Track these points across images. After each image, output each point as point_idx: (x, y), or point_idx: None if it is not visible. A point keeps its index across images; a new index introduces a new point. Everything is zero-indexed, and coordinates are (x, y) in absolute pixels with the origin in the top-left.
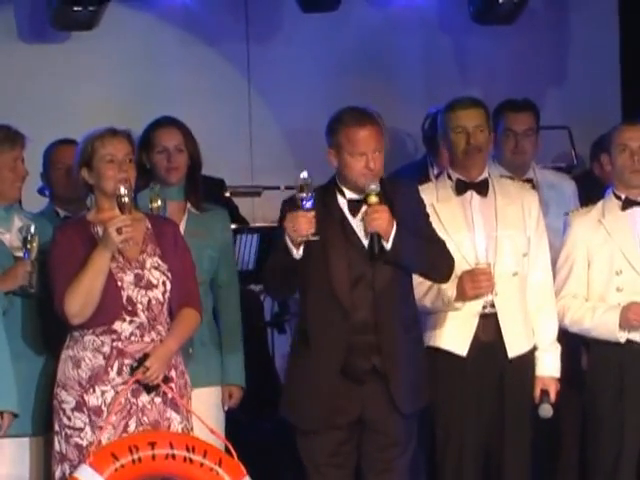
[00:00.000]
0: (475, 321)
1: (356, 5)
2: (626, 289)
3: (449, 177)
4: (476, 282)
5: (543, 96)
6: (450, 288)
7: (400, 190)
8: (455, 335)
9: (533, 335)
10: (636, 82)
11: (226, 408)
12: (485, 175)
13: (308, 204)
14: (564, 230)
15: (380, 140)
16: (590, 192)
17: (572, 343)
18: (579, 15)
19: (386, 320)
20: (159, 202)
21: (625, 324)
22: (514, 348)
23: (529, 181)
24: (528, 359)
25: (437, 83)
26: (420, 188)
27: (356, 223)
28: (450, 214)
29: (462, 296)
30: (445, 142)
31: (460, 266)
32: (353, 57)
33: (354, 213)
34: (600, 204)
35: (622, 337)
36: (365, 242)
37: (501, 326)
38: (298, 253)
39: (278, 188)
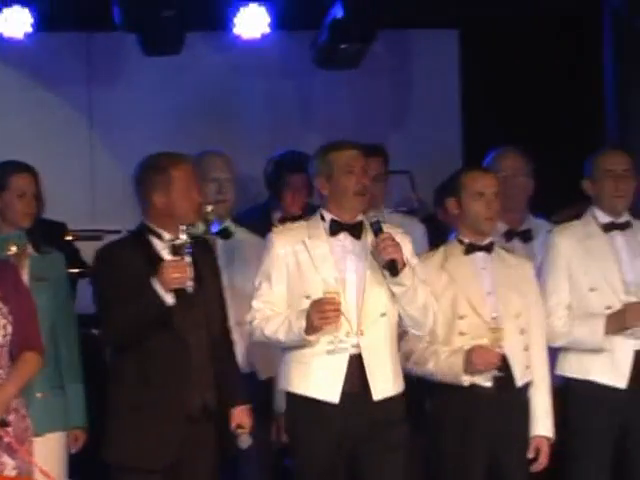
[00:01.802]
0: (343, 365)
1: (199, 49)
2: (469, 333)
3: (322, 218)
4: (322, 312)
5: (385, 140)
6: (301, 319)
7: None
8: (324, 382)
9: (401, 379)
10: (476, 127)
11: (73, 451)
12: (360, 217)
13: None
14: None
15: None
16: (434, 236)
17: (417, 385)
18: (421, 60)
19: None
20: (15, 248)
21: (469, 368)
22: (379, 391)
23: None
24: (395, 402)
25: (280, 127)
26: (290, 226)
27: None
28: (321, 253)
29: (311, 328)
30: (330, 182)
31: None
32: (196, 101)
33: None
34: (442, 249)
35: (466, 381)
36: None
37: (365, 367)
38: (171, 300)
39: (119, 232)
